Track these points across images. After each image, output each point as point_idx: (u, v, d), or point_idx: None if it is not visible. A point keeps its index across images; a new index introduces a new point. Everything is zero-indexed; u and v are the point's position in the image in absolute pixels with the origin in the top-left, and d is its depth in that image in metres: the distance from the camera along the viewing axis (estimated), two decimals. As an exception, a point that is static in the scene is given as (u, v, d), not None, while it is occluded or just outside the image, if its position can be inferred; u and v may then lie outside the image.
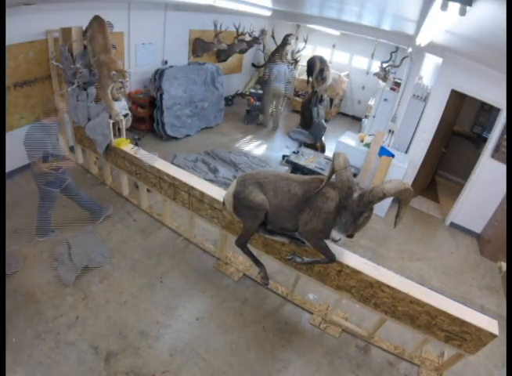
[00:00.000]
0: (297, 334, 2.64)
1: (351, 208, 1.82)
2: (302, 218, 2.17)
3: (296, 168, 4.29)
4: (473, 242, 4.30)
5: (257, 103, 6.66)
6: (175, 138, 5.36)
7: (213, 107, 6.07)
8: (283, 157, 5.54)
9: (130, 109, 4.23)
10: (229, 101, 7.33)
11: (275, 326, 2.67)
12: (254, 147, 5.75)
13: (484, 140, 4.69)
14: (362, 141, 4.68)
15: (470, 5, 1.36)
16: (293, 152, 5.41)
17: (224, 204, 2.57)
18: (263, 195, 2.25)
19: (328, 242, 2.14)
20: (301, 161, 4.33)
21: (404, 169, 4.24)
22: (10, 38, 3.18)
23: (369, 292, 2.34)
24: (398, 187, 1.77)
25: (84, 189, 3.82)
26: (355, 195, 1.82)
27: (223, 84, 6.16)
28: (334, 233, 1.86)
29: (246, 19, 6.07)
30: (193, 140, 5.56)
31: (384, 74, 5.40)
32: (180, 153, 4.85)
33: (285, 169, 5.21)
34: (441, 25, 2.14)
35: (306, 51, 6.98)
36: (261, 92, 6.68)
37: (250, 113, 6.76)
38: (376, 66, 6.17)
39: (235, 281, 2.98)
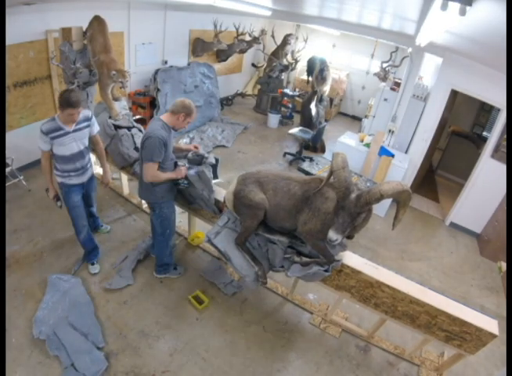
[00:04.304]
0: (297, 334, 2.65)
1: (348, 209, 1.81)
2: (301, 218, 2.17)
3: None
4: (473, 242, 4.30)
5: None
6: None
7: (210, 108, 6.12)
8: (285, 154, 5.56)
9: (130, 109, 4.24)
10: (229, 101, 7.34)
11: (275, 326, 2.67)
12: (254, 146, 5.75)
13: (484, 140, 4.70)
14: (362, 141, 4.69)
15: (470, 5, 1.36)
16: (297, 152, 5.44)
17: (224, 202, 2.58)
18: (262, 194, 2.25)
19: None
20: (314, 170, 4.26)
21: (404, 169, 4.24)
22: (10, 38, 3.18)
23: (369, 292, 2.35)
24: (395, 188, 1.75)
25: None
26: (353, 195, 1.81)
27: (217, 84, 6.22)
28: (331, 234, 1.85)
29: (246, 19, 6.08)
30: (193, 140, 5.55)
31: (384, 74, 5.39)
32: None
33: (284, 166, 5.24)
34: (441, 25, 2.14)
35: (306, 51, 6.98)
36: (296, 93, 6.81)
37: (286, 117, 6.87)
38: (376, 66, 6.16)
39: (235, 281, 2.98)
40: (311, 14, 4.96)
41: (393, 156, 4.28)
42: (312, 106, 6.07)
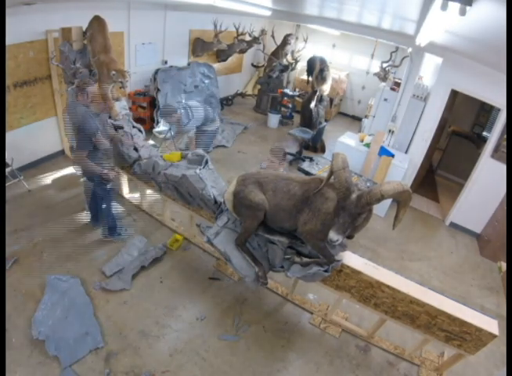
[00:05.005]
0: (297, 334, 2.65)
1: (349, 209, 1.81)
2: (301, 218, 2.17)
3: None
4: (473, 242, 4.30)
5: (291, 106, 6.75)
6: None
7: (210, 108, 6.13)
8: (285, 153, 5.55)
9: (130, 109, 4.24)
10: (229, 101, 7.34)
11: (275, 326, 2.67)
12: (254, 146, 5.75)
13: (485, 140, 4.69)
14: (362, 141, 4.68)
15: (470, 5, 1.36)
16: (297, 152, 5.45)
17: (224, 202, 2.58)
18: (262, 195, 2.25)
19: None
20: (314, 170, 4.22)
21: (404, 169, 4.24)
22: (10, 38, 3.18)
23: (369, 292, 2.34)
24: (396, 189, 1.76)
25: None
26: (353, 196, 1.81)
27: (217, 84, 6.22)
28: (332, 234, 1.85)
29: (247, 19, 6.07)
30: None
31: (384, 74, 5.39)
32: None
33: (285, 166, 5.23)
34: (441, 25, 2.14)
35: (306, 51, 6.98)
36: (296, 93, 6.79)
37: (286, 117, 6.85)
38: (376, 66, 6.16)
39: (235, 281, 2.98)
40: (311, 14, 4.96)
41: (393, 156, 4.28)
42: (312, 106, 6.07)
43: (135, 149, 3.33)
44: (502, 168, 3.80)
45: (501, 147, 3.83)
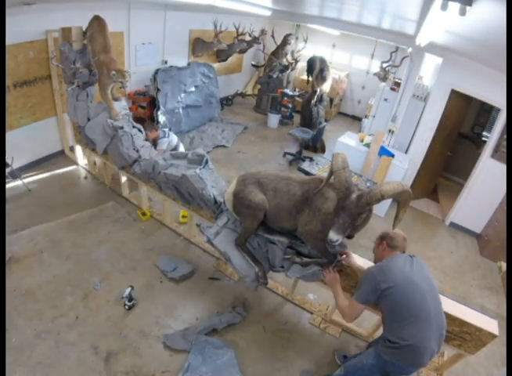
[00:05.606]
0: (297, 334, 2.64)
1: (349, 209, 1.81)
2: (301, 219, 2.17)
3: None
4: (473, 242, 4.30)
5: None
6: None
7: (210, 108, 6.13)
8: (285, 154, 5.57)
9: (130, 109, 4.24)
10: (229, 101, 7.34)
11: (275, 326, 2.67)
12: (254, 146, 5.75)
13: (484, 141, 4.69)
14: (362, 141, 4.68)
15: (470, 5, 1.36)
16: (297, 152, 5.45)
17: (224, 202, 2.58)
18: (262, 195, 2.25)
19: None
20: (314, 170, 4.22)
21: (404, 169, 4.24)
22: (10, 38, 3.18)
23: (369, 292, 2.34)
24: (396, 189, 1.76)
25: (84, 189, 3.87)
26: (353, 196, 1.81)
27: (217, 84, 6.23)
28: (332, 234, 1.84)
29: (247, 19, 6.08)
30: (194, 140, 5.55)
31: (383, 74, 5.39)
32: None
33: (285, 166, 5.24)
34: (441, 25, 2.14)
35: (306, 51, 6.98)
36: (296, 93, 6.80)
37: (286, 117, 6.86)
38: (376, 66, 6.16)
39: (235, 281, 2.99)
40: (311, 14, 4.96)
41: (393, 156, 4.28)
42: (312, 106, 6.07)
43: (135, 149, 3.33)
44: (502, 168, 3.81)
45: (501, 147, 3.83)
